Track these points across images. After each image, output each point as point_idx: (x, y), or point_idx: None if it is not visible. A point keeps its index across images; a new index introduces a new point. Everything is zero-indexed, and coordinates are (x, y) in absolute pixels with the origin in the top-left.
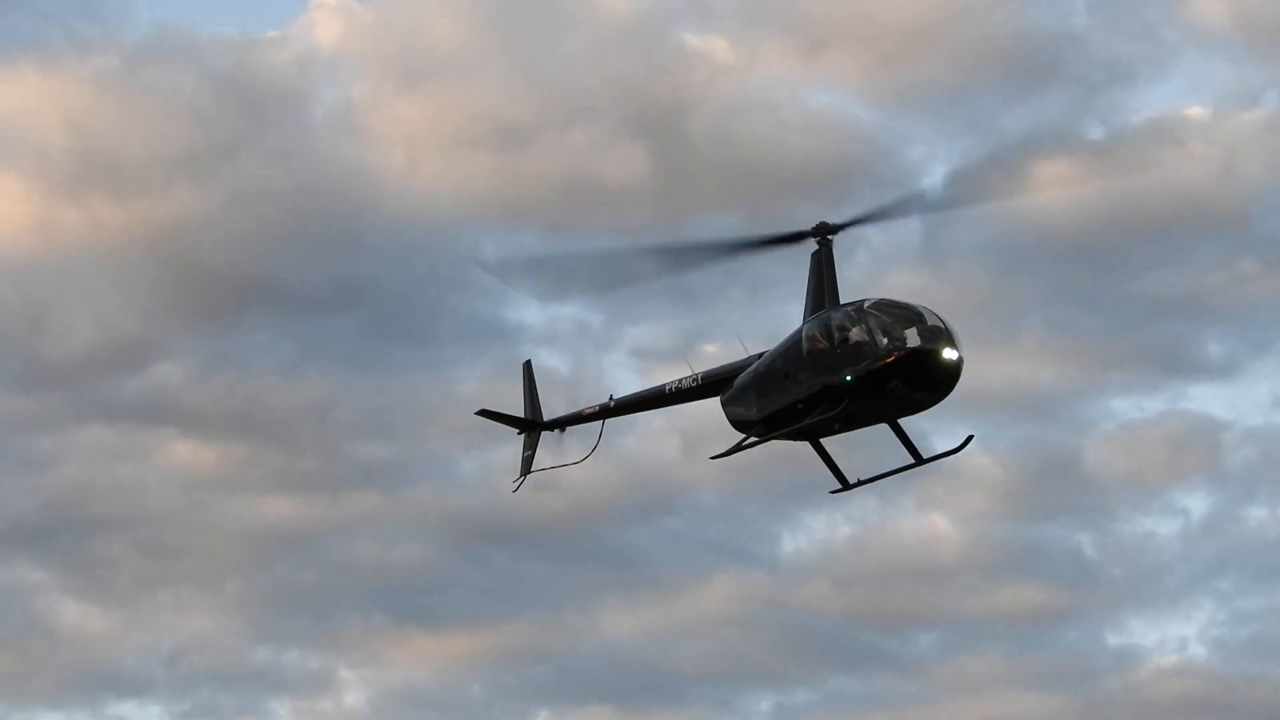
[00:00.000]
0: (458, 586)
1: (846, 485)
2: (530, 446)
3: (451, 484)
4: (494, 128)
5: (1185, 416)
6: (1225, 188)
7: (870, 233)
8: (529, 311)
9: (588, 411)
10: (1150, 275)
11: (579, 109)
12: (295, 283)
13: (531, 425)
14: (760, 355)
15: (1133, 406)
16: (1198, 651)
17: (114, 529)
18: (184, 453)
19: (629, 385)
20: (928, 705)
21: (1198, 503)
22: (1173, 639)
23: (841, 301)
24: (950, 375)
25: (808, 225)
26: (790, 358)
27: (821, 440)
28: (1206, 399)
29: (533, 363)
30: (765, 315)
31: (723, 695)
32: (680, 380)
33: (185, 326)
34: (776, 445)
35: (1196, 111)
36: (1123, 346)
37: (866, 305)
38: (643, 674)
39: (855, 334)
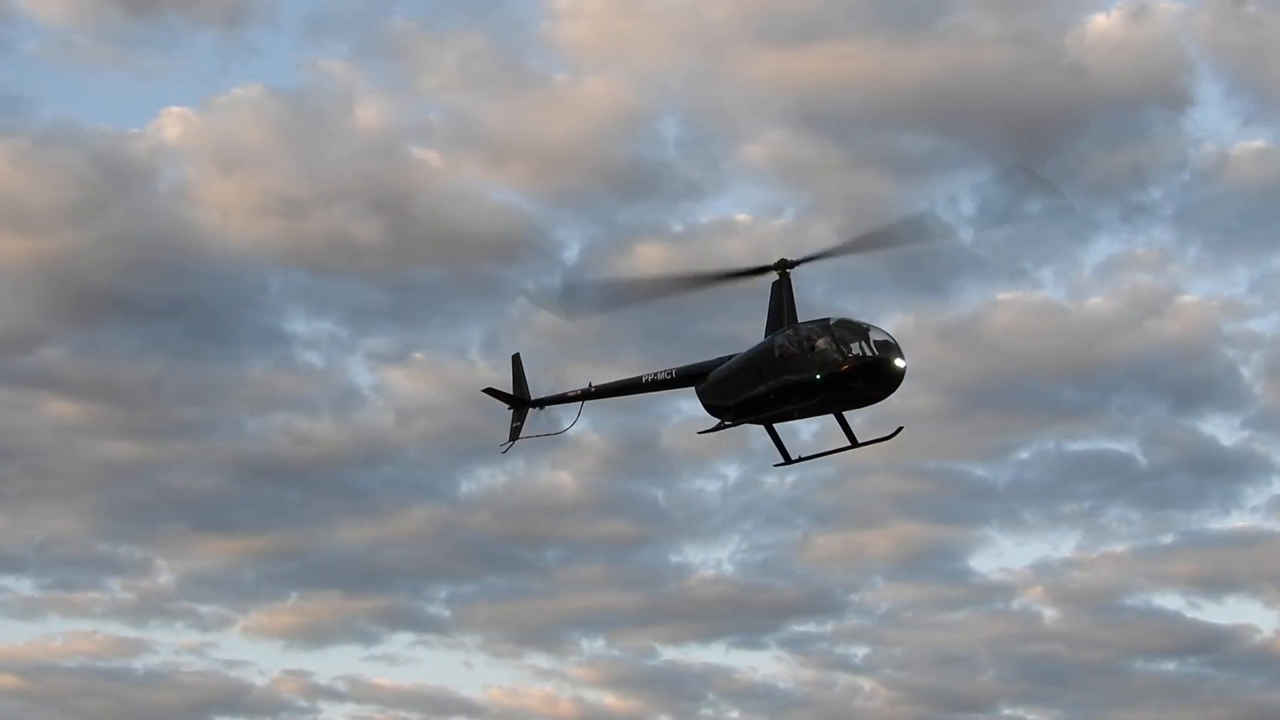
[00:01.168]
0: (240, 506)
1: (789, 460)
2: (519, 419)
3: (240, 437)
4: (281, 200)
5: None
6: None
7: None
8: (300, 324)
9: (570, 394)
10: (707, 321)
11: (339, 191)
12: (143, 297)
13: (521, 403)
14: (728, 357)
15: (694, 408)
16: (728, 568)
17: (8, 458)
18: (58, 408)
19: (366, 379)
20: (552, 598)
21: (732, 471)
22: (712, 559)
23: (800, 321)
24: (898, 379)
25: (770, 261)
26: (763, 359)
27: (774, 424)
28: None
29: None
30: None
31: (417, 586)
32: (656, 373)
33: (65, 324)
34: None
35: (743, 218)
36: None
37: (832, 322)
38: (364, 570)
39: (822, 343)
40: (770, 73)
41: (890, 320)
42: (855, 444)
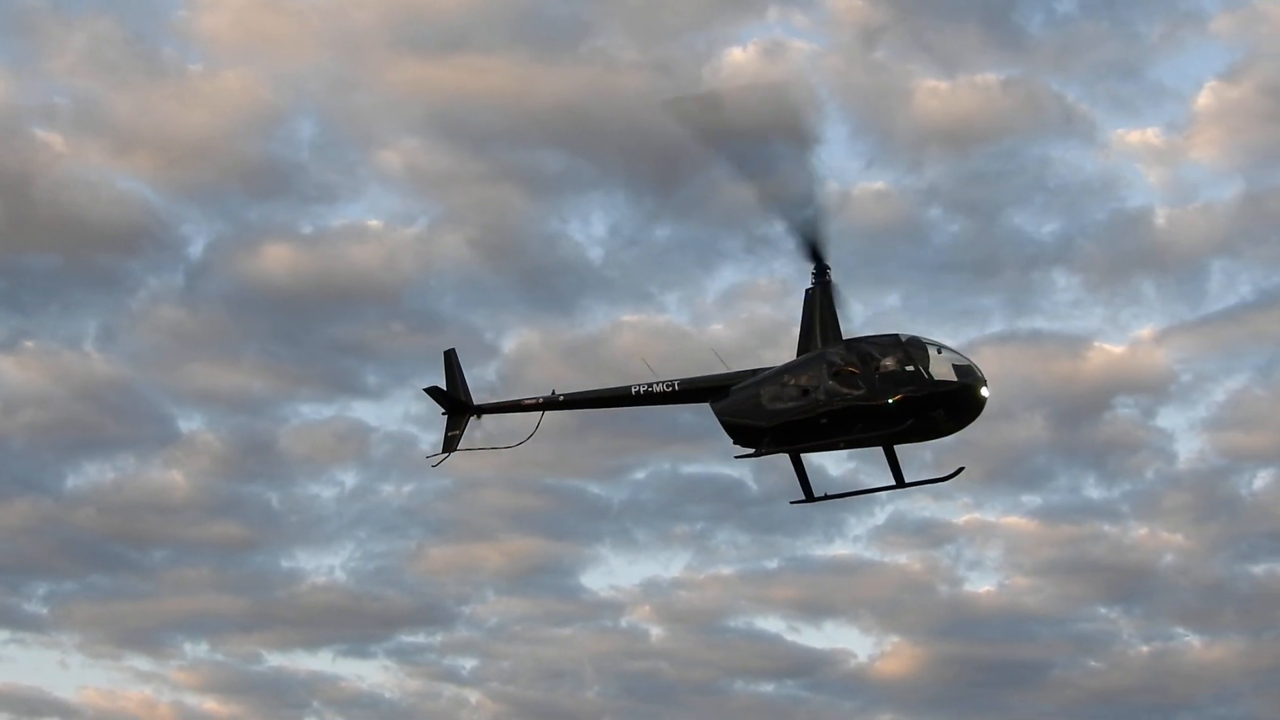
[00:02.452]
0: None
1: (811, 498)
2: (456, 427)
3: None
4: None
5: (348, 421)
6: (391, 274)
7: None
8: None
9: (527, 402)
10: (335, 325)
11: None
12: None
13: (461, 408)
14: (752, 371)
15: (314, 412)
16: (340, 575)
17: None
18: None
19: None
20: (156, 600)
21: (350, 478)
22: (324, 566)
23: (839, 332)
24: (980, 410)
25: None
26: (812, 375)
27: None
28: (362, 411)
29: (456, 352)
30: None
31: (14, 582)
32: (651, 384)
33: None
34: None
35: (374, 224)
36: (313, 371)
37: (904, 338)
38: None
39: (894, 362)
40: (410, 80)
41: (515, 336)
42: (902, 484)
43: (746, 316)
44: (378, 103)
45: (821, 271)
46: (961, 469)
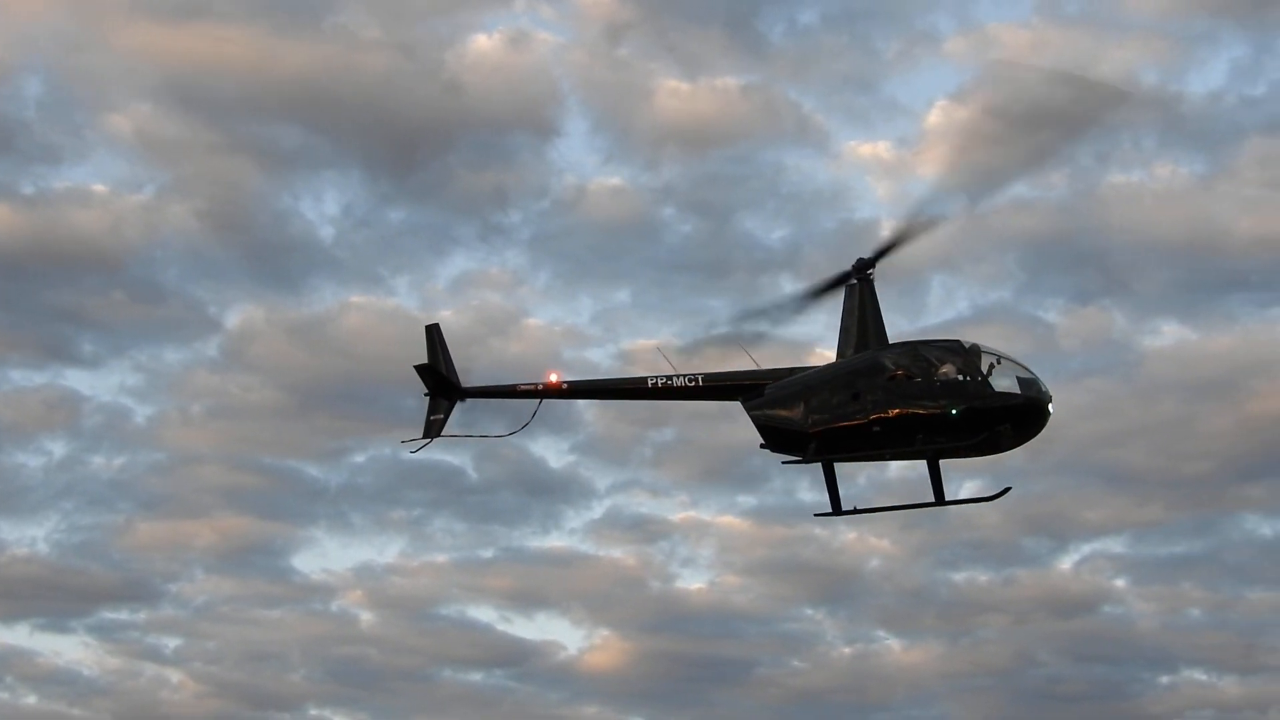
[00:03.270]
0: None
1: (839, 510)
2: (440, 411)
3: None
4: None
5: (59, 389)
6: (114, 241)
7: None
8: None
9: (523, 388)
10: (52, 290)
11: None
12: None
13: (448, 390)
14: (789, 370)
15: (24, 378)
16: (42, 548)
17: None
18: None
19: None
20: None
21: (59, 448)
22: (26, 537)
23: (884, 331)
24: (1044, 425)
25: (848, 266)
26: (865, 379)
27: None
28: (75, 379)
29: (440, 328)
30: None
31: None
32: (671, 377)
33: None
34: None
35: (100, 188)
36: (26, 336)
37: (968, 345)
38: None
39: (957, 371)
40: (146, 45)
41: (239, 311)
42: (942, 501)
43: (477, 304)
44: (110, 65)
45: (864, 268)
46: (1009, 489)
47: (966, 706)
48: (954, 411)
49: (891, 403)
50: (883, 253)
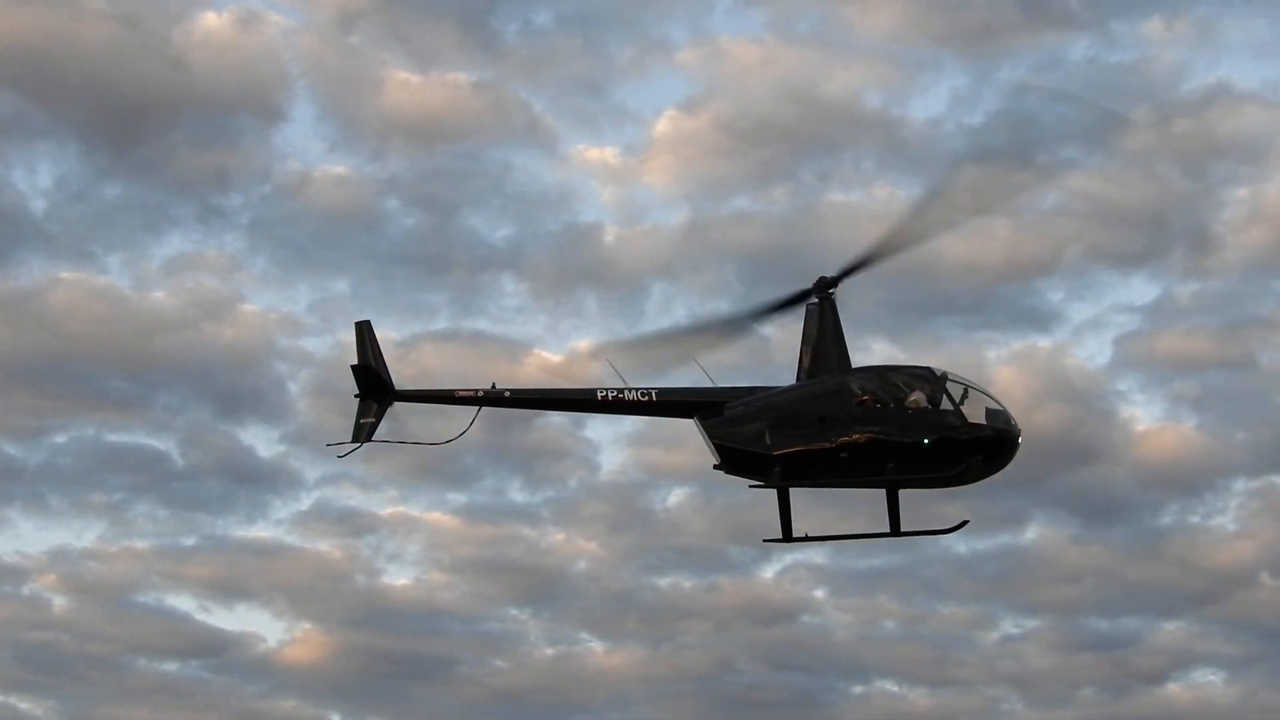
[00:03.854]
0: None
1: (789, 538)
2: (370, 414)
3: None
4: None
5: None
6: None
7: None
8: None
9: (461, 393)
10: None
11: None
12: None
13: (381, 391)
14: (747, 390)
15: None
16: None
17: None
18: None
19: None
20: None
21: None
22: None
23: (846, 353)
24: (1011, 460)
25: (808, 284)
26: (831, 403)
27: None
28: None
29: (371, 325)
30: None
31: None
32: (624, 390)
33: None
34: None
35: None
36: None
37: (939, 373)
38: None
39: (926, 399)
40: None
41: None
42: (898, 532)
43: (191, 286)
44: None
45: (826, 286)
46: (966, 522)
47: (665, 710)
48: (926, 441)
49: (860, 429)
50: (847, 273)
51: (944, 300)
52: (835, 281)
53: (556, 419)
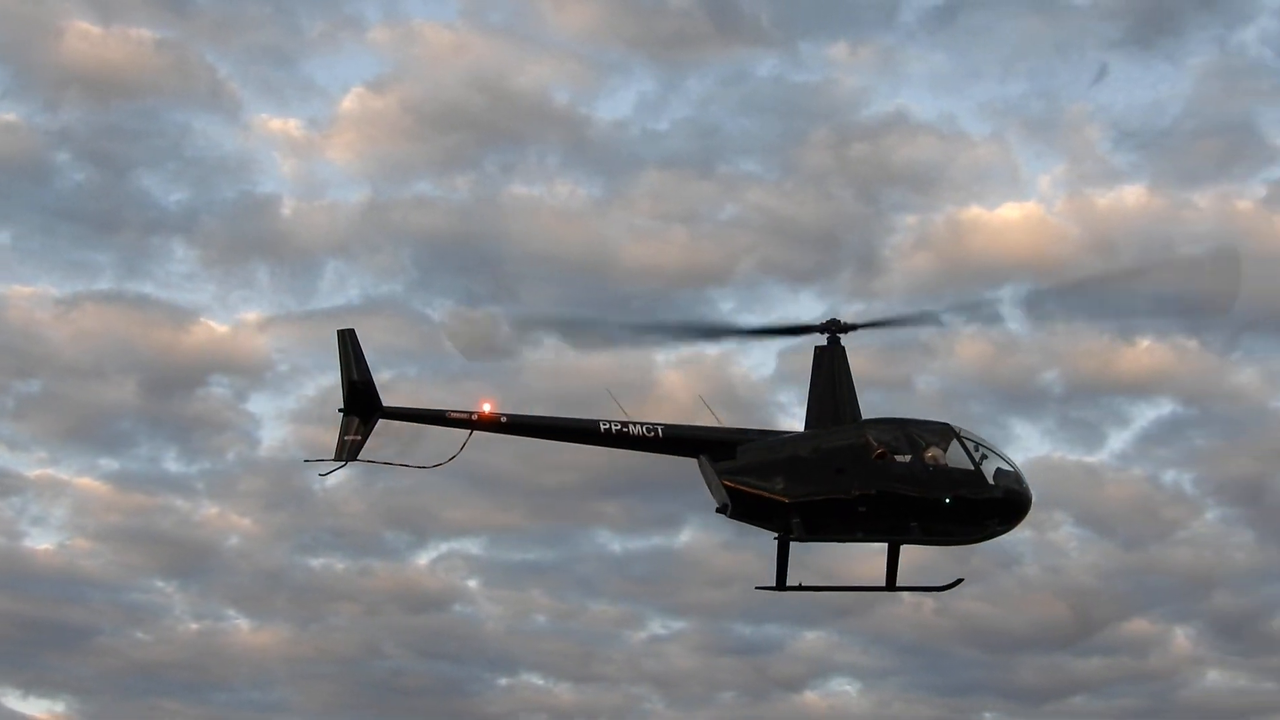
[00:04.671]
0: None
1: (783, 586)
2: (356, 431)
3: None
4: None
5: None
6: None
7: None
8: None
9: (454, 415)
10: None
11: None
12: None
13: (367, 408)
14: (760, 432)
15: None
16: None
17: None
18: None
19: None
20: None
21: None
22: None
23: (856, 400)
24: (1020, 522)
25: (817, 320)
26: (848, 455)
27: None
28: None
29: (356, 334)
30: None
31: None
32: (628, 424)
33: None
34: None
35: None
36: None
37: (957, 429)
38: None
39: (946, 456)
40: None
41: None
42: (894, 587)
43: None
44: None
45: (837, 330)
46: (961, 580)
47: (307, 693)
48: (947, 499)
49: (877, 481)
50: (864, 325)
51: (618, 301)
52: (846, 328)
53: (220, 390)
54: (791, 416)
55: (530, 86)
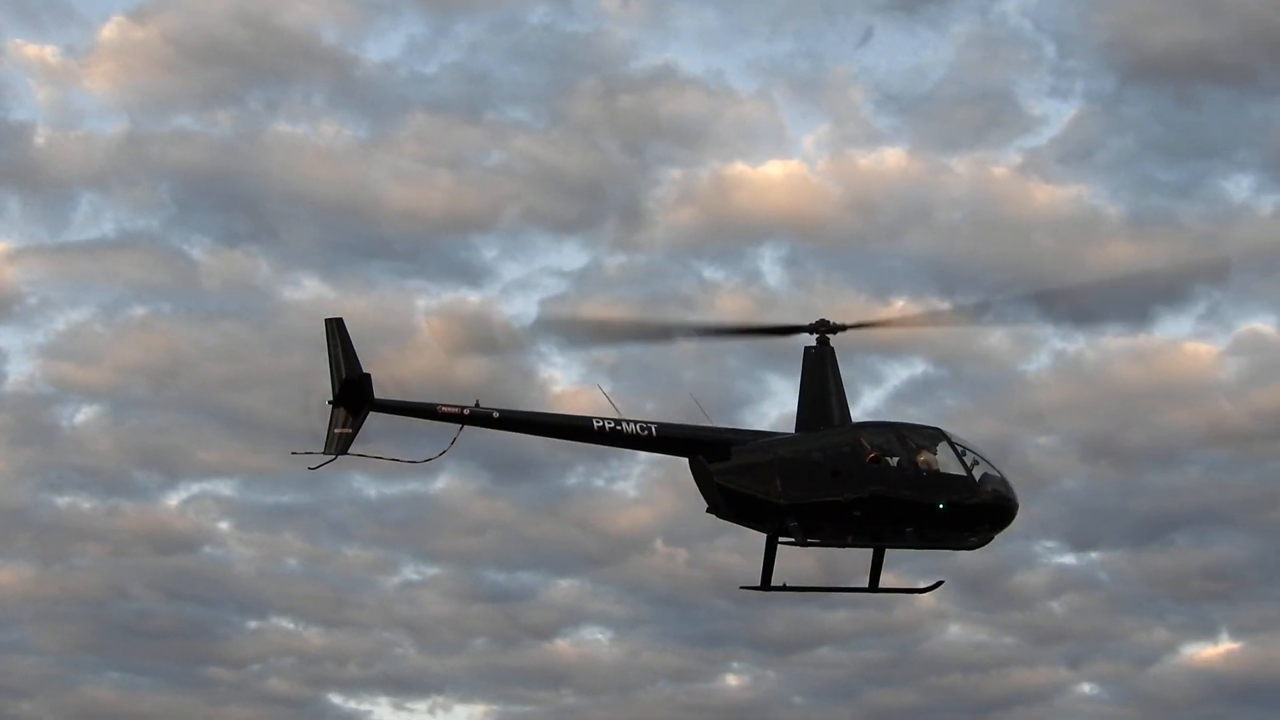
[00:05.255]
0: None
1: (768, 586)
2: (345, 424)
3: None
4: None
5: None
6: None
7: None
8: None
9: (445, 409)
10: None
11: None
12: None
13: (358, 399)
14: (753, 433)
15: None
16: None
17: None
18: None
19: None
20: None
21: None
22: None
23: (846, 402)
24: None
25: (806, 320)
26: (844, 458)
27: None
28: None
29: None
30: None
31: None
32: (621, 422)
33: None
34: None
35: None
36: None
37: (949, 434)
38: None
39: (940, 461)
40: None
41: None
42: (875, 588)
43: None
44: None
45: (826, 331)
46: (941, 582)
47: (50, 634)
48: (941, 505)
49: (872, 484)
50: (854, 326)
51: (380, 244)
52: (836, 328)
53: None
54: (549, 365)
55: (297, 24)
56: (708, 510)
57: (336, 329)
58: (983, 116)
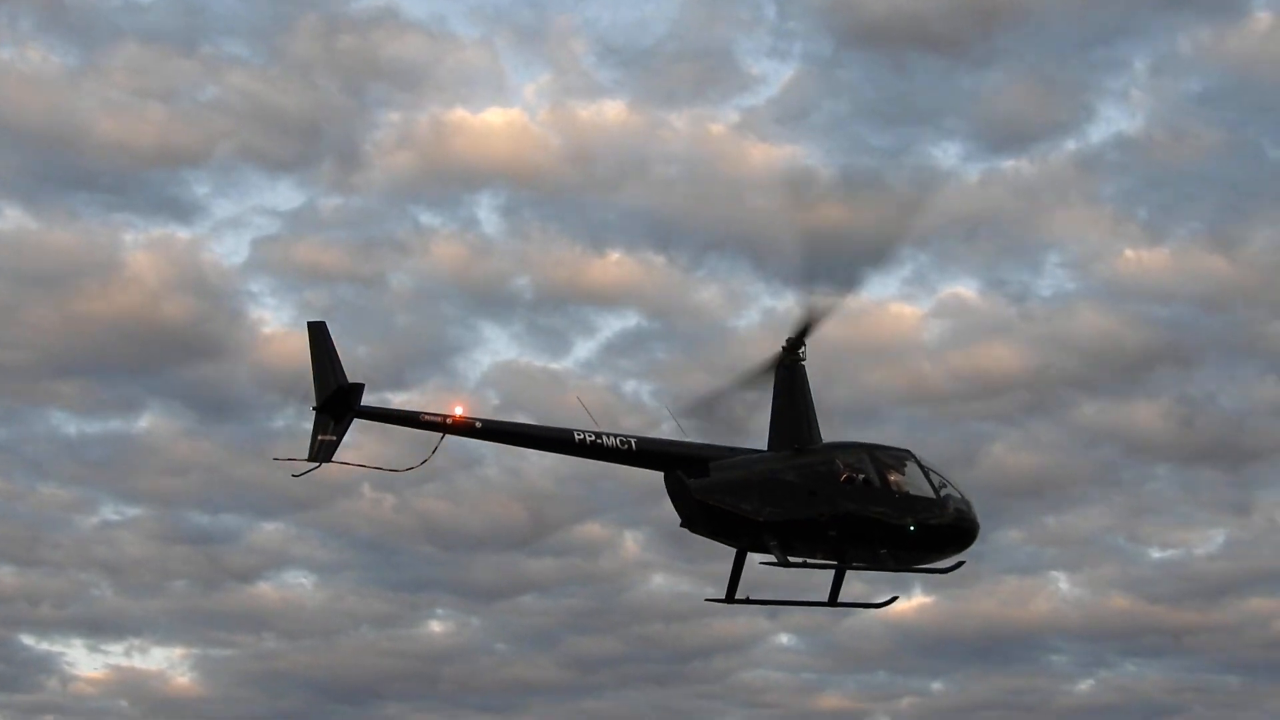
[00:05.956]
0: None
1: (732, 598)
2: (329, 431)
3: None
4: None
5: None
6: None
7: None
8: None
9: (427, 417)
10: None
11: None
12: None
13: (341, 406)
14: (730, 450)
15: None
16: None
17: None
18: None
19: None
20: None
21: None
22: None
23: (816, 421)
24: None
25: (778, 348)
26: (819, 478)
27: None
28: None
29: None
30: None
31: None
32: (601, 435)
33: None
34: None
35: None
36: None
37: (918, 456)
38: None
39: (911, 482)
40: None
41: None
42: (835, 603)
43: None
44: None
45: (793, 348)
46: (896, 597)
47: None
48: (912, 526)
49: (845, 504)
50: (804, 330)
51: (86, 176)
52: (800, 342)
53: None
54: (260, 306)
55: None
56: (681, 524)
57: (320, 334)
58: (702, 73)
